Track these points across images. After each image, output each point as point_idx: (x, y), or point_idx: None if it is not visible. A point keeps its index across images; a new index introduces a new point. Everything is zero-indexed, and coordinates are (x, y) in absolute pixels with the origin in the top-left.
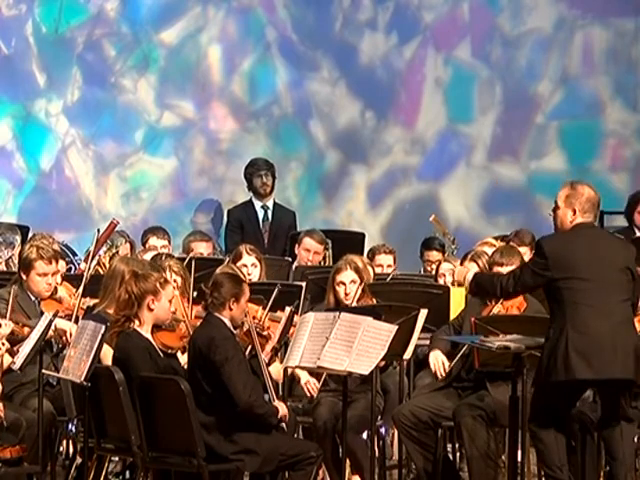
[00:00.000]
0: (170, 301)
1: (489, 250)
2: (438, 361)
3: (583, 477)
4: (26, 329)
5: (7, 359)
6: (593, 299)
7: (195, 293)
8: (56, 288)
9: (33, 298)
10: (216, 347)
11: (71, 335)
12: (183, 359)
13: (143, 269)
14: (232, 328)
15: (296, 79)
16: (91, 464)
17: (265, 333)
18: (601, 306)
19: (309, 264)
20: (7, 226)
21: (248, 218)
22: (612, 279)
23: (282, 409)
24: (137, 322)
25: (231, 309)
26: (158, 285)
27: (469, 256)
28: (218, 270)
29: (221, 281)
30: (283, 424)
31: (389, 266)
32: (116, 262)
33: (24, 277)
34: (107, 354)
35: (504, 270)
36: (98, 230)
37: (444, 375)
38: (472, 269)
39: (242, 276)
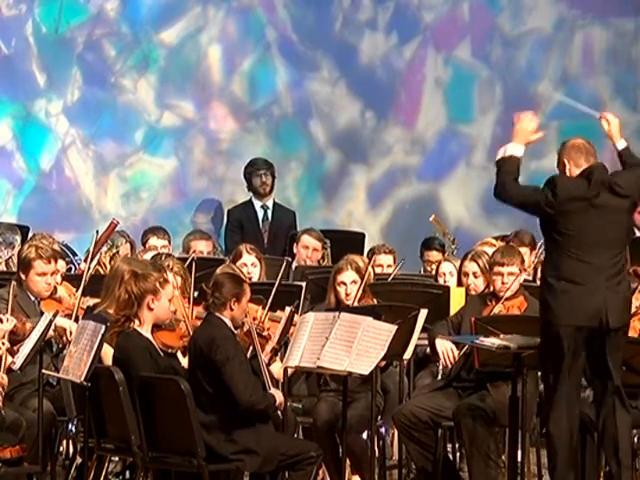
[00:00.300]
0: (170, 300)
1: (489, 250)
2: (447, 348)
3: (583, 477)
4: (28, 325)
5: (8, 358)
6: (589, 257)
7: (196, 293)
8: (56, 288)
9: (32, 298)
10: (217, 347)
11: (71, 333)
12: (184, 362)
13: (145, 269)
14: (233, 328)
15: (296, 79)
16: (91, 464)
17: (265, 334)
18: (595, 264)
19: (308, 262)
20: (7, 226)
21: (248, 218)
22: (610, 233)
23: (278, 397)
24: (137, 322)
25: (232, 309)
26: (158, 285)
27: (469, 256)
28: (219, 270)
29: (222, 281)
30: (278, 412)
31: (389, 266)
32: (118, 262)
33: (23, 277)
34: (107, 354)
35: (505, 270)
36: (97, 232)
37: (453, 363)
38: (518, 146)
39: (242, 276)
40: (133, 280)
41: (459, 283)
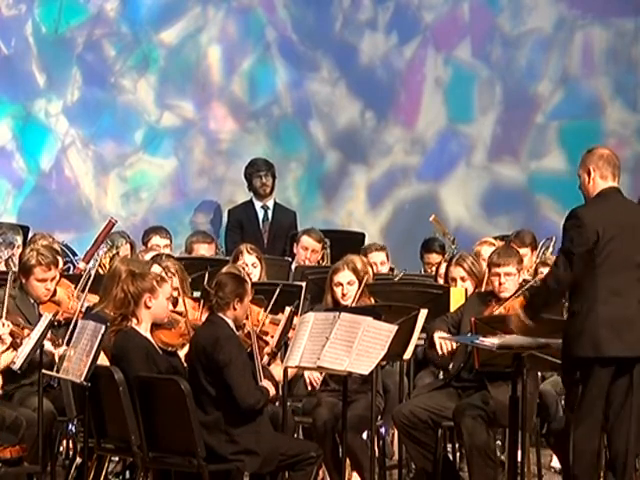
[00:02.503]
0: (168, 299)
1: (487, 249)
2: (444, 339)
3: None
4: (26, 331)
5: (7, 358)
6: (623, 272)
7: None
8: (55, 290)
9: (32, 301)
10: (221, 347)
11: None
12: (183, 352)
13: (142, 268)
14: (235, 328)
15: (296, 79)
16: (91, 464)
17: (267, 338)
18: (629, 280)
19: (307, 262)
20: (8, 226)
21: (248, 218)
22: (638, 250)
23: (271, 390)
24: (135, 320)
25: (235, 309)
26: (155, 283)
27: (453, 261)
28: (224, 270)
29: (225, 282)
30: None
31: (382, 263)
32: (116, 262)
33: (24, 280)
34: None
35: (501, 271)
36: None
37: (451, 351)
38: (516, 306)
39: (245, 276)
40: (130, 279)
41: None
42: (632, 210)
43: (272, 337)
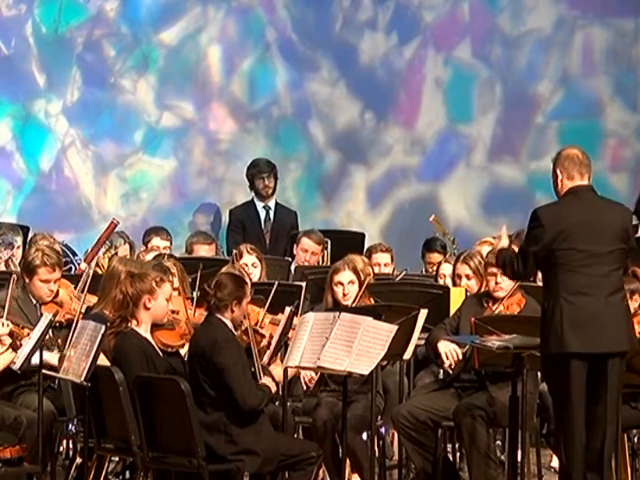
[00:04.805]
0: (167, 299)
1: (488, 249)
2: (450, 349)
3: None
4: (26, 331)
5: (7, 358)
6: (587, 268)
7: (198, 293)
8: (57, 291)
9: (34, 301)
10: (220, 349)
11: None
12: (184, 351)
13: (141, 269)
14: (233, 329)
15: (296, 79)
16: (91, 464)
17: (263, 331)
18: (594, 276)
19: (306, 264)
20: (8, 226)
21: (250, 218)
22: (606, 247)
23: (272, 386)
24: (135, 322)
25: (233, 311)
26: (154, 284)
27: (461, 258)
28: (223, 269)
29: (225, 283)
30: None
31: (386, 264)
32: (114, 263)
33: (27, 280)
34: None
35: (498, 271)
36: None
37: (457, 362)
38: (503, 242)
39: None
40: (129, 281)
41: (453, 285)
42: (598, 207)
43: (271, 337)
